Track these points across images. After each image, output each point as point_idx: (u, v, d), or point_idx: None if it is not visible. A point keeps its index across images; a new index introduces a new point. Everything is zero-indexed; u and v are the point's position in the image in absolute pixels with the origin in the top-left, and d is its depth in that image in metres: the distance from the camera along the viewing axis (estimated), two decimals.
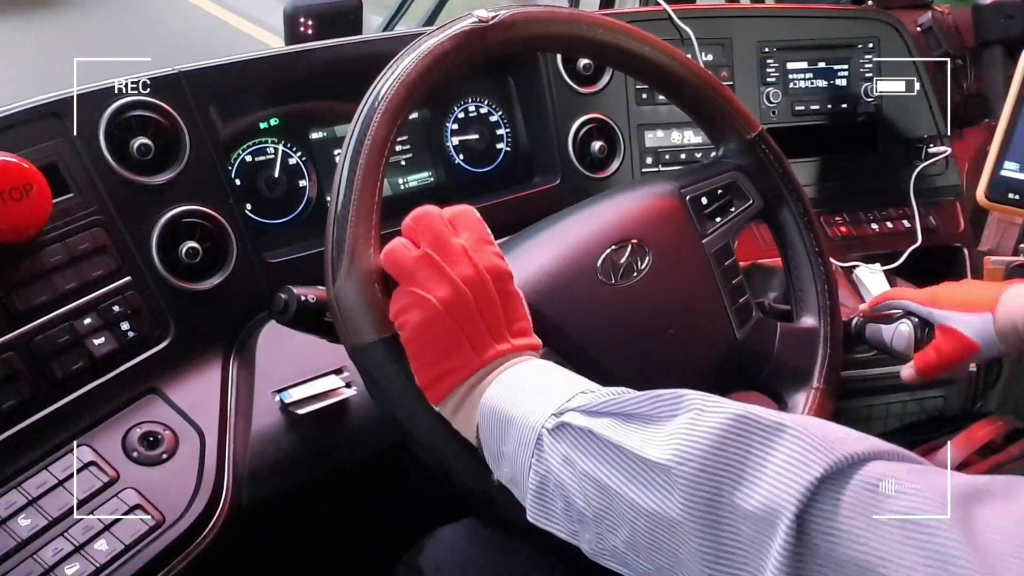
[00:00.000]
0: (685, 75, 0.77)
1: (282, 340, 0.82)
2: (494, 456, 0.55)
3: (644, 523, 0.45)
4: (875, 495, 0.38)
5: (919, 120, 1.25)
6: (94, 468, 0.71)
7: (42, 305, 0.72)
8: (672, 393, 0.48)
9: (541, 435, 0.50)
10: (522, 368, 0.57)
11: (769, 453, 0.42)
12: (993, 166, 0.90)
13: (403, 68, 0.63)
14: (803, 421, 0.43)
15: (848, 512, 0.38)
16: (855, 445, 0.41)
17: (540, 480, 0.50)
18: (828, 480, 0.40)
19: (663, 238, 0.76)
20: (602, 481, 0.47)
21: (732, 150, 0.82)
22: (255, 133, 0.94)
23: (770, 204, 0.82)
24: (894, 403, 1.21)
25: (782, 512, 0.39)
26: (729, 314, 0.77)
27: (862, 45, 1.25)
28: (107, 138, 0.79)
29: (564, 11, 0.72)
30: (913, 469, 0.40)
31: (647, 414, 0.47)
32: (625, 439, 0.47)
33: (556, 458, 0.49)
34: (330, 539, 1.04)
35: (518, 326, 0.60)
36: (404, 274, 0.57)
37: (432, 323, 0.56)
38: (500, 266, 0.60)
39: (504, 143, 1.10)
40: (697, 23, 1.18)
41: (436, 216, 0.60)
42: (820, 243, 0.81)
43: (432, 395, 0.57)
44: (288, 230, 0.95)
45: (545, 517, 0.51)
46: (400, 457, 0.87)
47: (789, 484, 0.40)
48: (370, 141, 0.61)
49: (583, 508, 0.48)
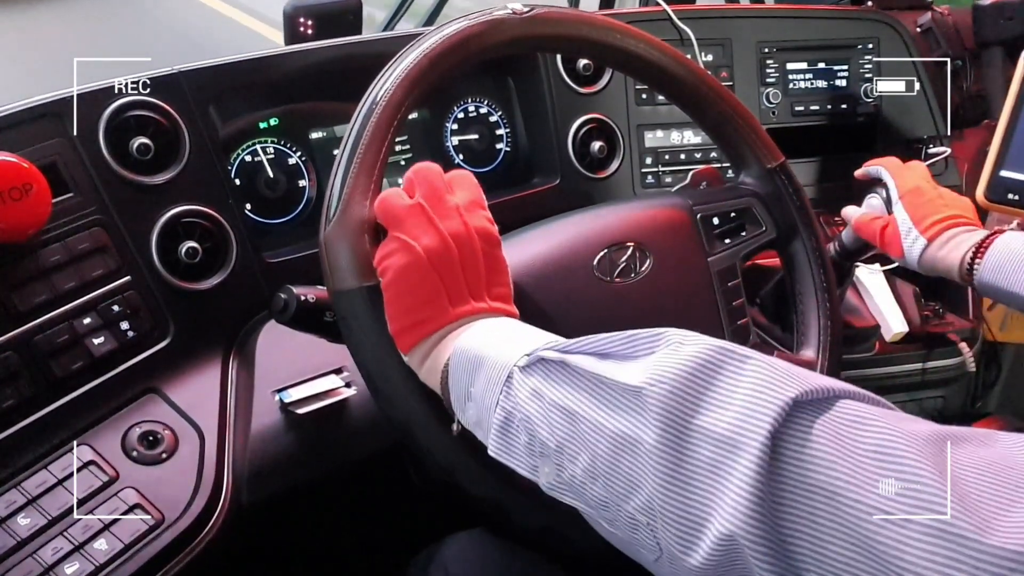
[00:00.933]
0: (712, 98, 0.77)
1: (282, 340, 0.82)
2: (461, 398, 0.55)
3: (606, 446, 0.45)
4: (849, 427, 0.39)
5: (919, 121, 1.25)
6: (94, 467, 0.71)
7: (42, 305, 0.72)
8: (651, 331, 0.47)
9: (512, 372, 0.51)
10: (499, 320, 0.58)
11: (741, 377, 0.42)
12: (993, 167, 0.90)
13: (430, 44, 0.65)
14: (776, 359, 0.44)
15: (822, 440, 0.38)
16: (829, 381, 0.41)
17: (506, 416, 0.50)
18: (803, 405, 0.40)
19: (666, 246, 0.76)
20: (570, 408, 0.47)
21: (751, 177, 0.82)
22: (255, 133, 0.94)
23: (783, 235, 0.81)
24: (893, 403, 1.21)
25: (752, 434, 0.39)
26: (725, 333, 0.77)
27: (862, 46, 1.25)
28: (107, 138, 0.79)
29: (599, 17, 0.73)
30: (887, 413, 0.40)
31: (624, 352, 0.47)
32: (601, 369, 0.47)
33: (525, 392, 0.49)
34: (330, 539, 1.04)
35: (499, 291, 0.61)
36: (394, 221, 0.58)
37: (413, 269, 0.57)
38: (489, 230, 0.61)
39: (504, 143, 1.11)
40: (697, 23, 1.18)
41: (435, 172, 0.61)
42: (829, 279, 0.81)
43: (402, 343, 0.58)
44: (288, 230, 0.95)
45: (506, 452, 0.51)
46: (400, 457, 0.87)
47: (761, 406, 0.40)
48: (384, 103, 0.62)
49: (546, 439, 0.48)
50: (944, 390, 1.22)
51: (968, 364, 1.18)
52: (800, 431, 0.39)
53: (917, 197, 0.89)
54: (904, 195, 0.90)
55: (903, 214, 0.89)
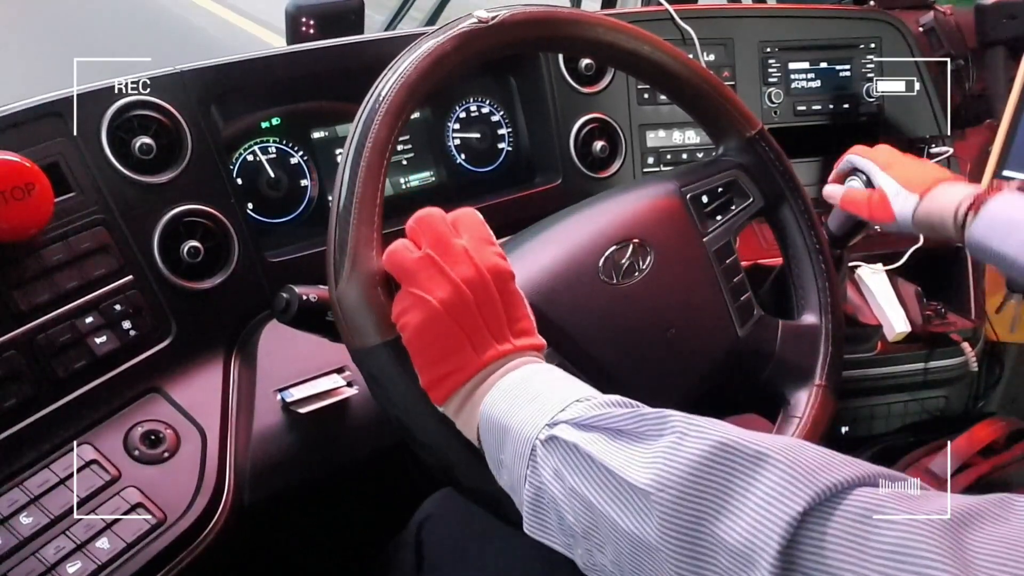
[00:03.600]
0: (685, 74, 0.77)
1: (283, 339, 0.82)
2: (495, 463, 0.55)
3: (626, 545, 0.45)
4: (863, 526, 0.38)
5: (921, 120, 1.25)
6: (96, 467, 0.71)
7: (44, 304, 0.72)
8: (656, 413, 0.47)
9: (535, 446, 0.50)
10: (521, 372, 0.57)
11: (751, 484, 0.41)
12: (995, 166, 0.90)
13: (404, 69, 0.63)
14: (786, 447, 0.42)
15: (836, 544, 0.38)
16: (839, 472, 0.40)
17: (535, 492, 0.50)
18: (813, 513, 0.39)
19: (664, 237, 0.76)
20: (587, 499, 0.47)
21: (732, 148, 0.82)
22: (256, 132, 0.94)
23: (771, 202, 0.82)
24: (895, 403, 1.21)
25: (764, 547, 0.39)
26: (731, 312, 0.77)
27: (864, 45, 1.25)
28: (109, 137, 0.79)
29: (564, 11, 0.72)
30: (901, 496, 0.39)
31: (634, 431, 0.47)
32: (609, 458, 0.47)
33: (548, 471, 0.49)
34: (331, 538, 1.04)
35: (520, 326, 0.60)
36: (405, 275, 0.57)
37: (432, 324, 0.56)
38: (501, 266, 0.60)
39: (506, 143, 1.11)
40: (699, 23, 1.18)
41: (438, 218, 0.60)
42: (821, 241, 0.81)
43: (435, 396, 0.57)
44: (290, 229, 0.95)
45: (541, 529, 0.51)
46: (402, 455, 0.87)
47: (772, 517, 0.39)
48: (371, 144, 0.61)
49: (573, 524, 0.48)
50: (946, 390, 1.22)
51: (970, 364, 1.17)
52: (814, 540, 0.38)
53: (900, 165, 0.89)
54: (885, 167, 0.90)
55: (889, 180, 0.89)
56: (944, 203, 0.83)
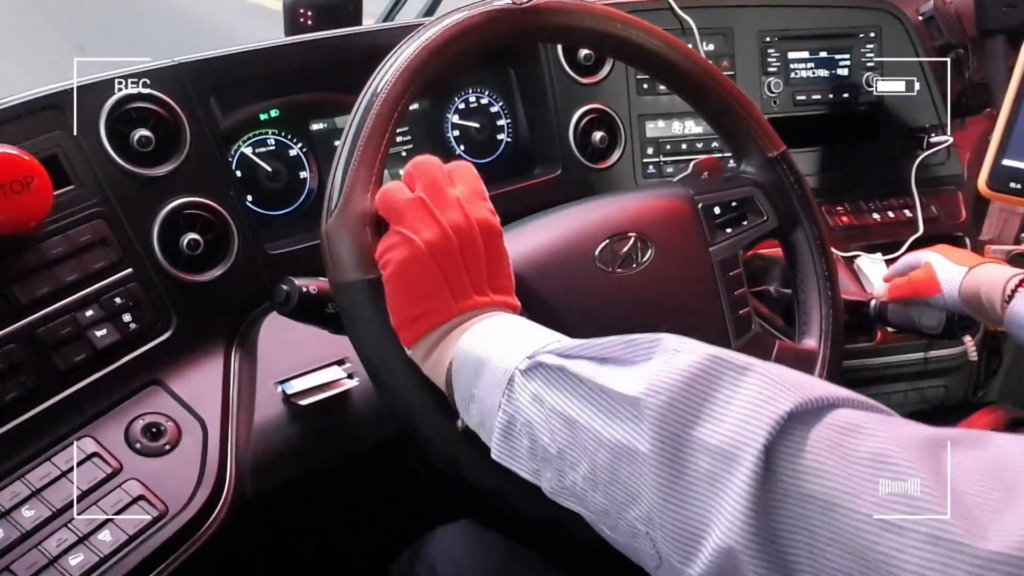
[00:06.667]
0: (714, 88, 0.77)
1: (284, 331, 0.82)
2: (464, 399, 0.55)
3: (606, 455, 0.45)
4: (844, 435, 0.38)
5: (921, 110, 1.25)
6: (97, 459, 0.71)
7: (44, 297, 0.72)
8: (648, 336, 0.47)
9: (513, 376, 0.51)
10: (500, 318, 0.58)
11: (738, 389, 0.42)
12: (995, 155, 0.90)
13: (431, 35, 0.65)
14: (773, 366, 0.43)
15: (816, 449, 0.38)
16: (825, 389, 0.41)
17: (508, 419, 0.51)
18: (797, 416, 0.40)
19: (667, 236, 0.76)
20: (570, 416, 0.47)
21: (753, 166, 0.81)
22: (255, 124, 0.94)
23: (785, 224, 0.81)
24: (895, 392, 1.21)
25: (747, 446, 0.39)
26: (727, 323, 0.77)
27: (863, 34, 1.24)
28: (108, 130, 0.78)
29: (587, 5, 0.73)
30: (882, 418, 0.40)
31: (622, 357, 0.47)
32: (597, 376, 0.47)
33: (526, 396, 0.50)
34: (333, 530, 1.04)
35: (500, 283, 0.61)
36: (394, 215, 0.59)
37: (414, 263, 0.57)
38: (491, 221, 0.61)
39: (505, 134, 1.10)
40: (698, 12, 1.17)
41: (435, 164, 0.61)
42: (831, 268, 0.81)
43: (405, 337, 0.58)
44: (289, 221, 0.95)
45: (509, 456, 0.51)
46: (403, 447, 0.88)
47: (757, 419, 0.40)
48: (384, 95, 0.62)
49: (547, 444, 0.48)
50: (946, 379, 1.22)
51: (970, 353, 1.18)
52: (795, 442, 0.39)
53: (947, 250, 0.92)
54: (932, 250, 0.93)
55: (937, 256, 0.91)
56: (994, 276, 0.84)
